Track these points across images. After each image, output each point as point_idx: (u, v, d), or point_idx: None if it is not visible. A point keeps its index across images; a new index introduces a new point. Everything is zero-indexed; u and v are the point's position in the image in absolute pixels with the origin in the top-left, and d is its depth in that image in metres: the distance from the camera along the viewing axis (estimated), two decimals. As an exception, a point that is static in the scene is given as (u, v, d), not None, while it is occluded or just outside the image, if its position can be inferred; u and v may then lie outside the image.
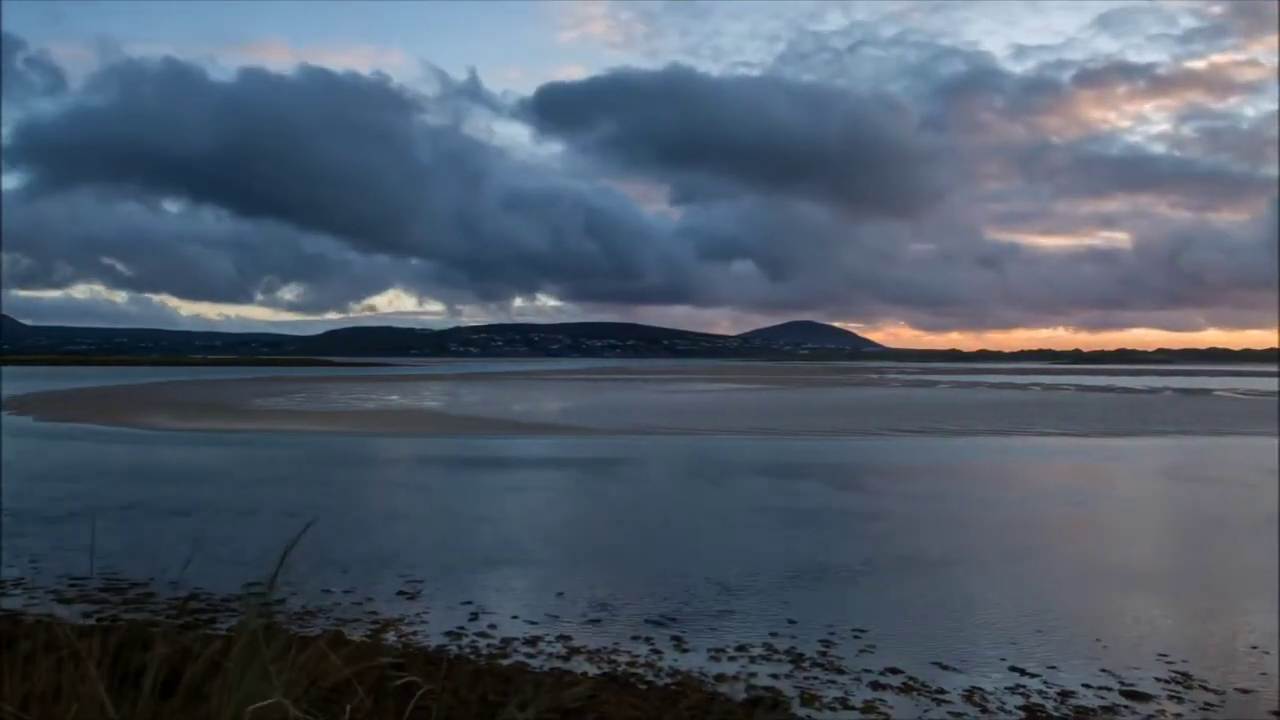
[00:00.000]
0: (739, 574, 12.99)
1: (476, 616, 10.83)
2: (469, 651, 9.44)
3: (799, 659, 9.38)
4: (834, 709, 8.09)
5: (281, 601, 10.50)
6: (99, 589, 11.55)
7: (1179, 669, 9.14)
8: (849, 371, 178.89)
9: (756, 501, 20.35)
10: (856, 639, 10.06)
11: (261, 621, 3.13)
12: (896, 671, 9.01)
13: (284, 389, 79.76)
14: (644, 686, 8.30)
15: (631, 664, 9.16)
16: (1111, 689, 8.60)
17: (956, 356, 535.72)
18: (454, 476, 24.24)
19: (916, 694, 8.45)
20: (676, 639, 10.00)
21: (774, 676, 8.87)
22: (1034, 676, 8.90)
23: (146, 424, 40.75)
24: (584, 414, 48.67)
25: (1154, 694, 8.48)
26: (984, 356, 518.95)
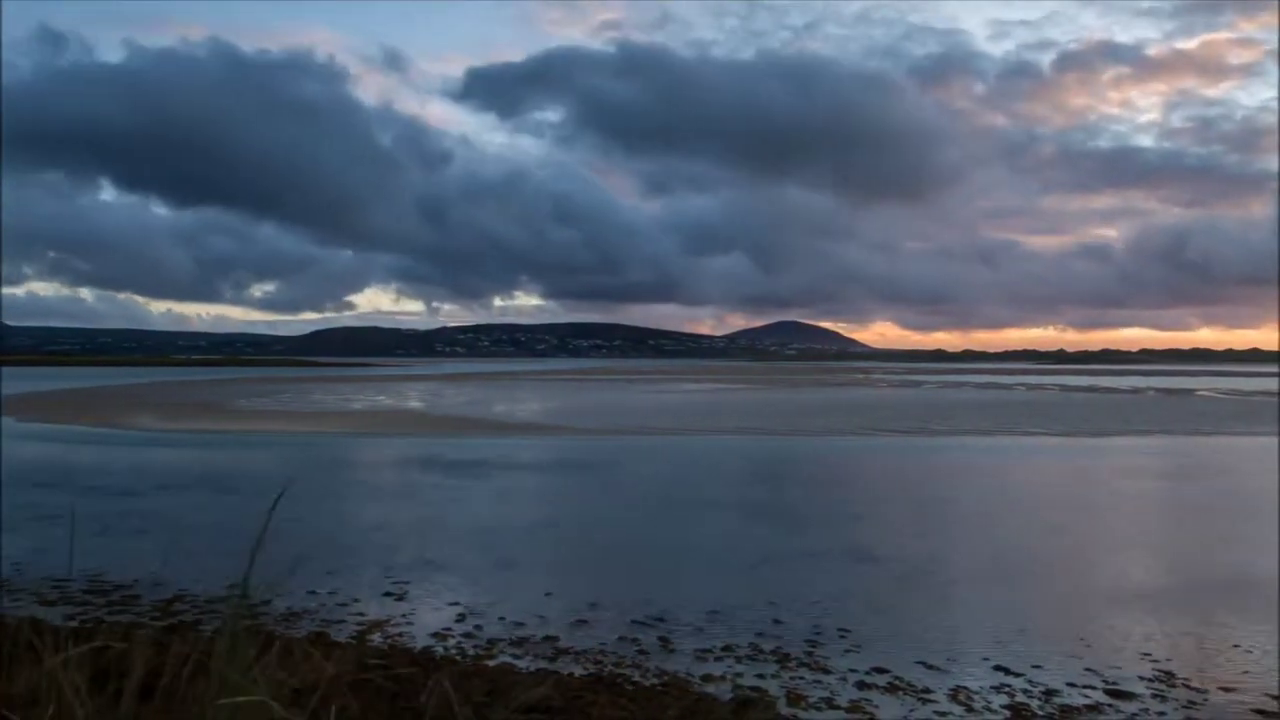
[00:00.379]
0: (725, 574, 13.00)
1: (463, 618, 10.81)
2: (455, 652, 9.42)
3: (785, 659, 9.40)
4: (820, 709, 8.11)
5: (266, 603, 10.46)
6: (82, 591, 11.48)
7: (1162, 667, 9.19)
8: (835, 372, 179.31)
9: (743, 502, 20.39)
10: (842, 639, 10.08)
11: (245, 622, 3.11)
12: (882, 671, 9.03)
13: (272, 390, 79.40)
14: (631, 687, 8.30)
15: (618, 664, 9.16)
16: (1096, 687, 8.64)
17: (942, 357, 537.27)
18: (441, 477, 24.17)
19: (902, 693, 8.47)
20: (663, 639, 10.00)
21: (760, 677, 8.88)
22: (1019, 675, 8.93)
23: (133, 425, 40.50)
24: (572, 414, 48.62)
25: (1138, 692, 8.53)
26: (970, 357, 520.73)
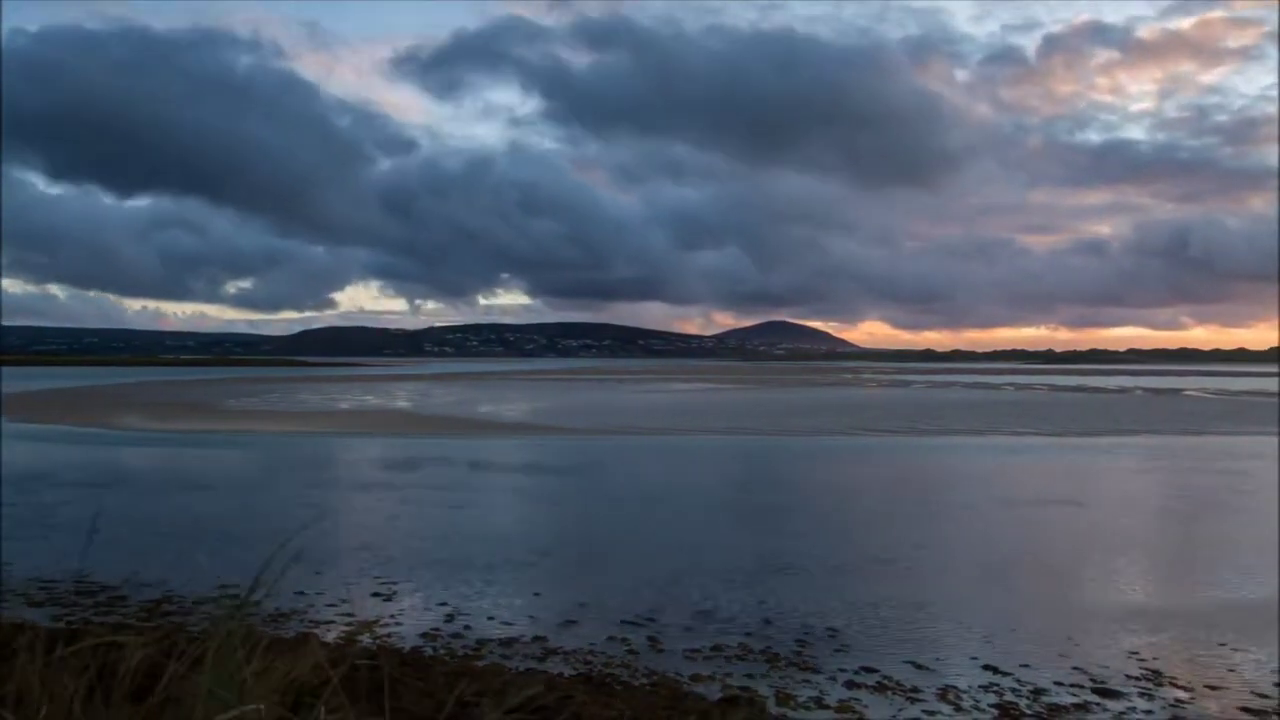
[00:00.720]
0: (715, 575, 13.01)
1: (452, 618, 10.80)
2: (444, 652, 9.41)
3: (774, 659, 9.42)
4: (809, 708, 8.13)
5: (255, 603, 10.42)
6: (70, 592, 11.42)
7: (1149, 666, 9.24)
8: (824, 372, 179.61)
9: (732, 502, 20.42)
10: (831, 638, 10.11)
11: (235, 624, 3.11)
12: (871, 670, 9.06)
13: (263, 390, 79.15)
14: (620, 686, 8.31)
15: (607, 664, 9.17)
16: (1083, 686, 8.68)
17: (931, 357, 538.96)
18: (431, 477, 24.13)
19: (891, 693, 8.50)
20: (652, 639, 10.01)
21: (749, 676, 8.90)
22: (1007, 675, 8.97)
23: (122, 425, 40.34)
24: (561, 414, 48.59)
25: (1125, 691, 8.57)
26: (958, 357, 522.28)
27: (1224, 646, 9.88)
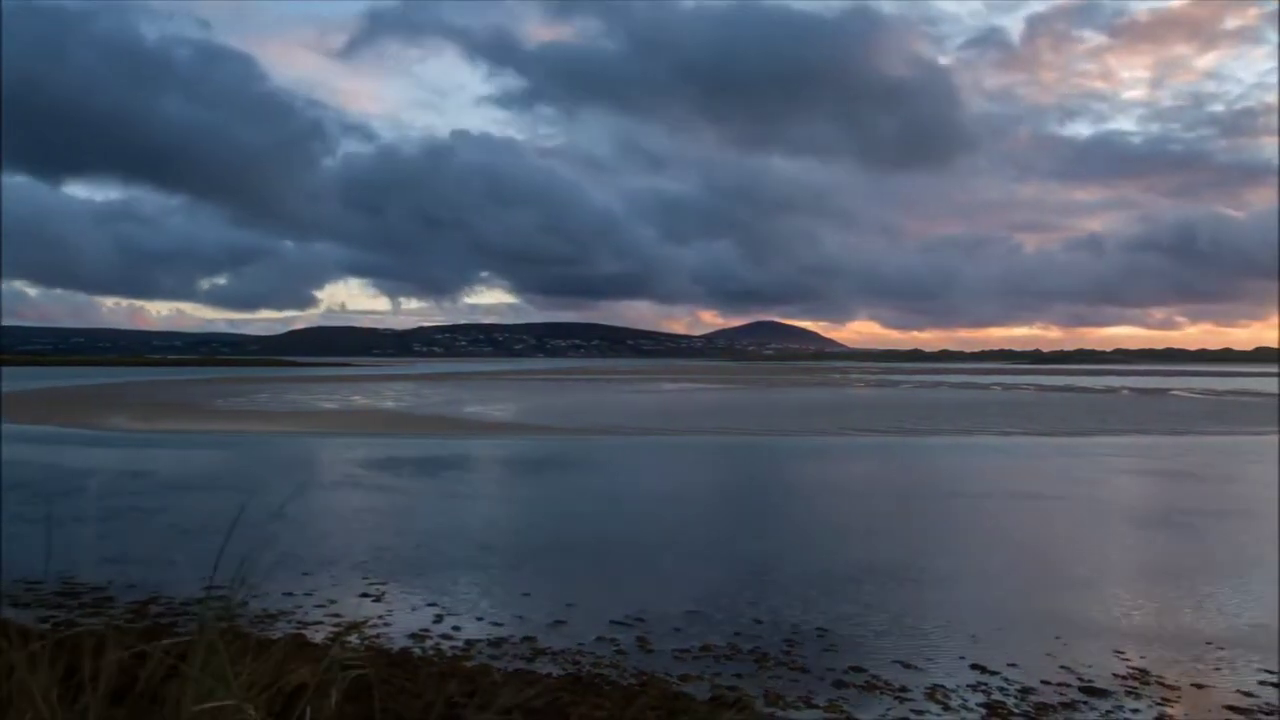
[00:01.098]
0: (703, 574, 13.01)
1: (441, 619, 10.77)
2: (433, 653, 9.38)
3: (763, 659, 9.41)
4: (798, 708, 8.12)
5: (242, 604, 10.38)
6: (54, 593, 11.34)
7: (1136, 665, 9.27)
8: (812, 372, 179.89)
9: (721, 502, 20.42)
10: (820, 638, 10.11)
11: (220, 624, 3.08)
12: (859, 670, 9.06)
13: (251, 390, 78.85)
14: (609, 687, 8.29)
15: (596, 665, 9.15)
16: (1071, 685, 8.70)
17: (919, 356, 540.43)
18: (420, 477, 24.08)
19: (879, 692, 8.50)
20: (641, 639, 10.00)
21: (738, 676, 8.89)
22: (995, 674, 8.99)
23: (109, 426, 40.12)
24: (550, 414, 48.53)
25: (1112, 690, 8.60)
26: (945, 357, 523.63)
27: (1210, 645, 9.92)
